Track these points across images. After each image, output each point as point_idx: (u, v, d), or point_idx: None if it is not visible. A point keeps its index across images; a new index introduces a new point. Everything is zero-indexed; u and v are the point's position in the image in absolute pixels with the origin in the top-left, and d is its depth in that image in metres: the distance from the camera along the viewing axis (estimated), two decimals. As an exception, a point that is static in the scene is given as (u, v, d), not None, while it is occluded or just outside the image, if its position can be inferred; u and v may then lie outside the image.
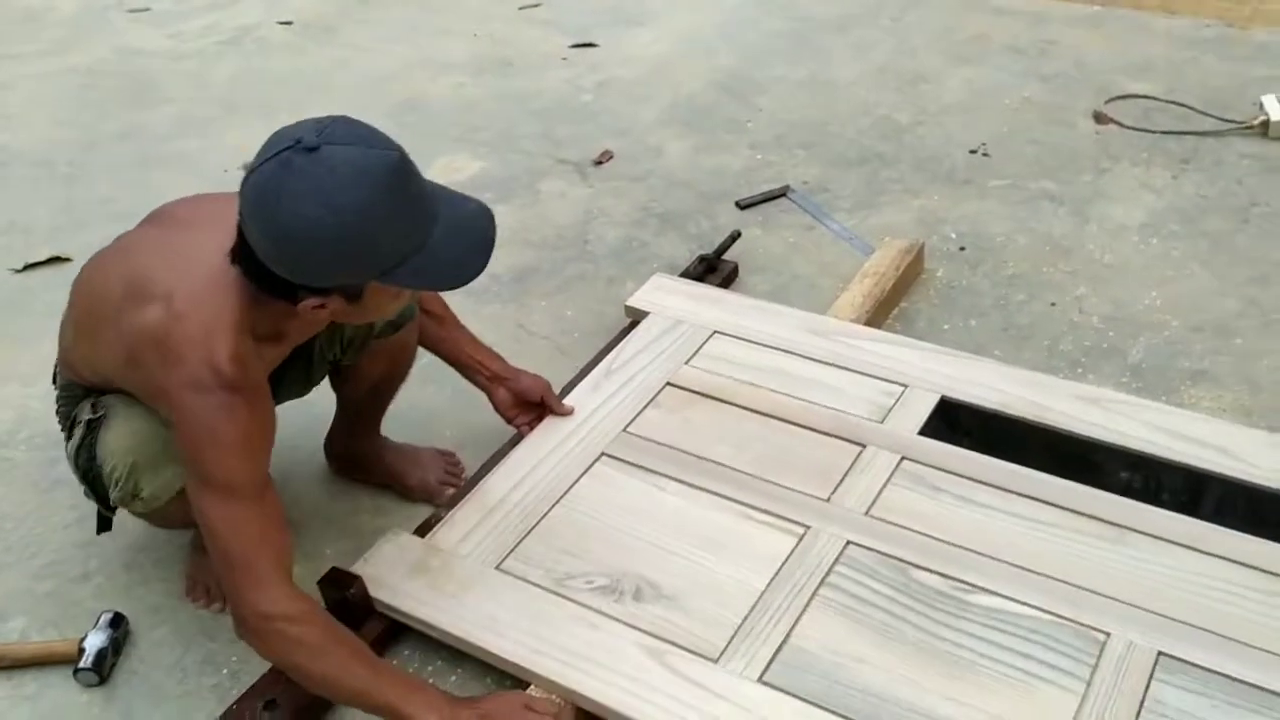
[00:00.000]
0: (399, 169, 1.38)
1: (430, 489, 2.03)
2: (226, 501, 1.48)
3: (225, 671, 1.73)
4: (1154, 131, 2.99)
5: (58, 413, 1.79)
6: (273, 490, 1.55)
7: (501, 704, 1.57)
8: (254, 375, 1.52)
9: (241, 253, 1.44)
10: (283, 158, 1.33)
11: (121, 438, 1.62)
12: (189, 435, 1.48)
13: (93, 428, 1.66)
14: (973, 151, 3.00)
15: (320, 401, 1.97)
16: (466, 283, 1.47)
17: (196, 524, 1.57)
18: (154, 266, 1.55)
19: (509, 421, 2.05)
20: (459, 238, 1.44)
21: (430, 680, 1.69)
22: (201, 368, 1.45)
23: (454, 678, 1.71)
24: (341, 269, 1.39)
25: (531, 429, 2.04)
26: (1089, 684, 1.55)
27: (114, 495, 1.66)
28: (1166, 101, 3.11)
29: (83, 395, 1.72)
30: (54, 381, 1.81)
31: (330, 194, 1.33)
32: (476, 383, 2.04)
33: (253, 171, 1.36)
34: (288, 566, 1.53)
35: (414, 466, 2.05)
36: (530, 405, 2.06)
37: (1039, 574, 1.70)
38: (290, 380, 1.80)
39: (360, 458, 2.07)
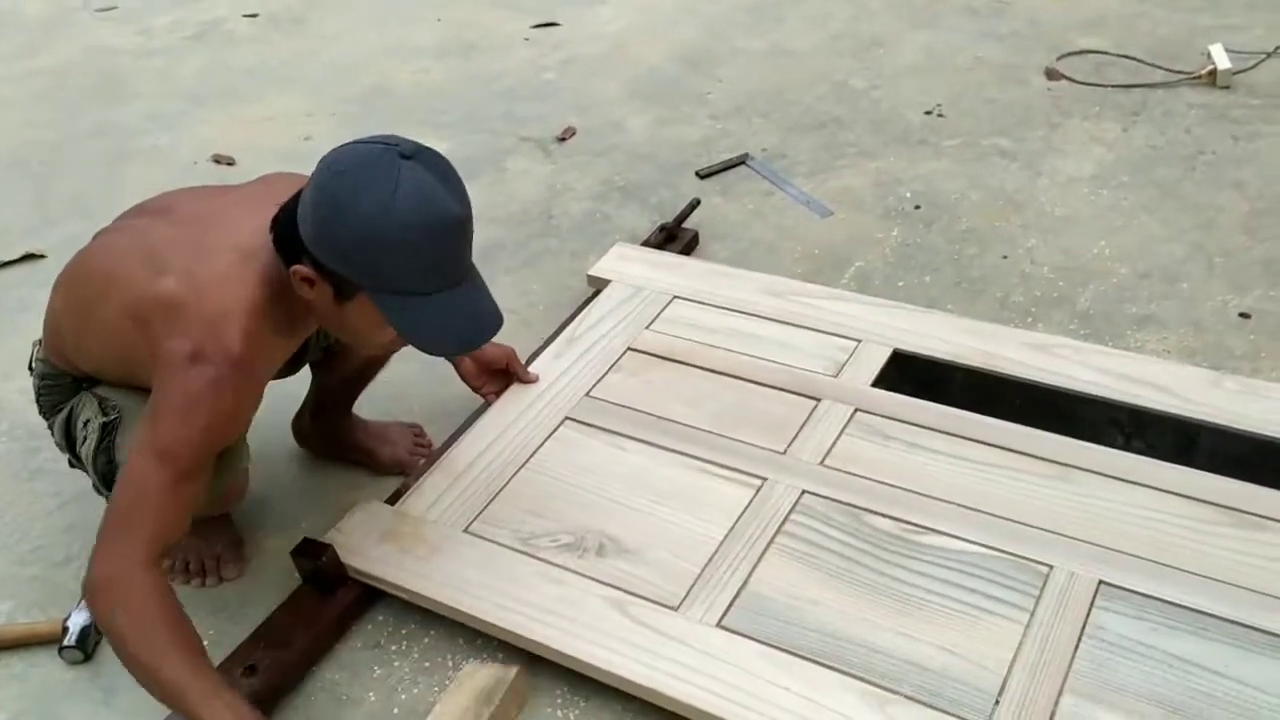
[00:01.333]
0: (455, 222, 1.44)
1: (402, 461, 2.08)
2: (157, 465, 1.48)
3: (206, 643, 1.77)
4: (1105, 85, 3.05)
5: (39, 400, 1.83)
6: (201, 482, 1.54)
7: None
8: (260, 364, 1.55)
9: (286, 210, 1.50)
10: (378, 149, 1.41)
11: None
12: (166, 396, 1.49)
13: (108, 430, 1.68)
14: (928, 113, 3.05)
15: (290, 380, 2.02)
16: (435, 354, 1.56)
17: (201, 510, 1.62)
18: (175, 247, 1.57)
19: (476, 390, 2.11)
20: (459, 316, 1.49)
21: (404, 643, 1.75)
22: (209, 340, 1.47)
23: (427, 639, 1.76)
24: (350, 259, 1.42)
25: (498, 398, 2.10)
26: (1033, 614, 1.61)
27: None
28: (1117, 55, 3.16)
29: (71, 384, 1.77)
30: (30, 369, 1.85)
31: (391, 197, 1.38)
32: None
33: (352, 144, 1.44)
34: (163, 550, 1.51)
35: (384, 443, 2.10)
36: (496, 374, 2.12)
37: (984, 513, 1.77)
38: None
39: (332, 437, 2.12)
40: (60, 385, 1.78)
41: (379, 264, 1.42)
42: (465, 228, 1.46)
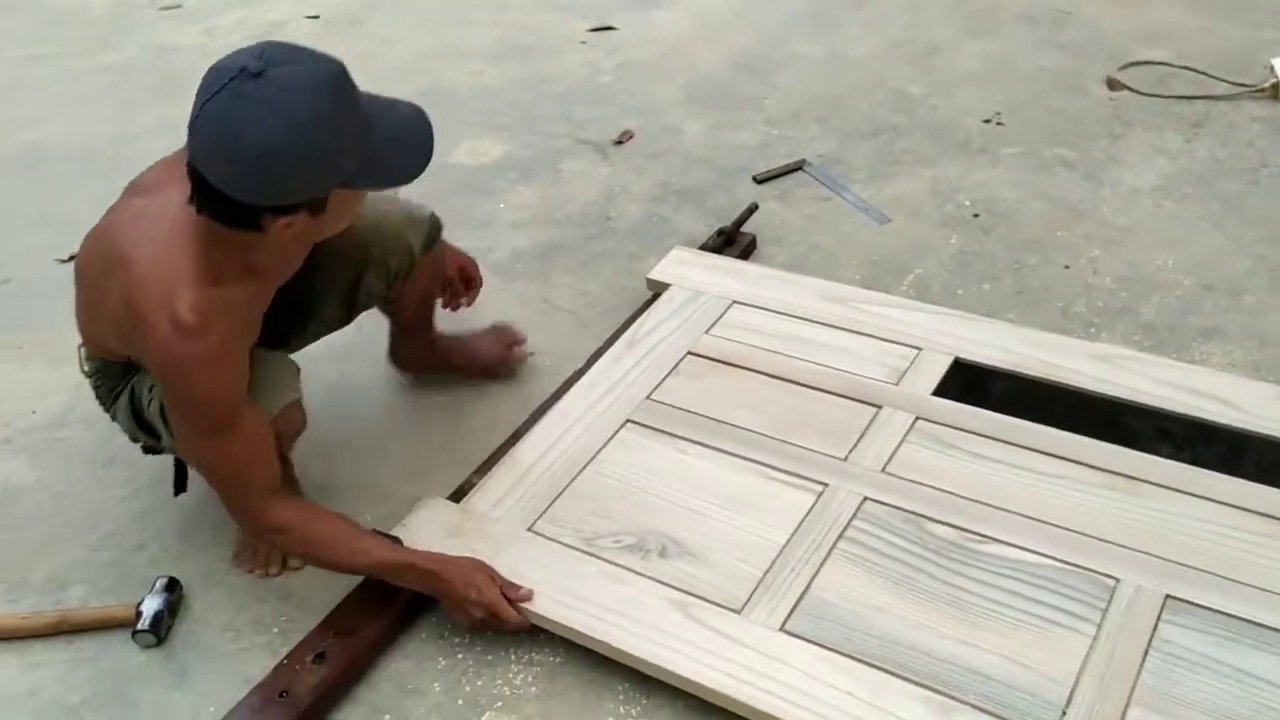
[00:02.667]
0: (342, 77, 1.47)
1: (504, 358, 2.23)
2: (210, 439, 1.63)
3: (275, 630, 1.82)
4: (1167, 96, 3.03)
5: (97, 395, 1.88)
6: (250, 410, 1.66)
7: (464, 563, 1.73)
8: (216, 323, 1.56)
9: (200, 193, 1.49)
10: (231, 88, 1.40)
11: None
12: (169, 387, 1.61)
13: None
14: (986, 121, 3.04)
15: (332, 360, 2.05)
16: (419, 174, 1.58)
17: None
18: (121, 236, 1.63)
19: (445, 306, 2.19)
20: (405, 134, 1.56)
21: (468, 636, 1.78)
22: (165, 325, 1.53)
23: (490, 633, 1.79)
24: (308, 182, 1.47)
25: (452, 307, 2.19)
26: (1099, 626, 1.61)
27: None
28: (1179, 67, 3.14)
29: (120, 370, 1.81)
30: (82, 369, 1.88)
31: (287, 111, 1.39)
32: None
33: (200, 110, 1.42)
34: (275, 478, 1.71)
35: (480, 349, 2.24)
36: (449, 281, 2.16)
37: (1050, 524, 1.77)
38: (326, 315, 1.96)
39: (428, 357, 2.23)
40: (110, 373, 1.84)
41: (331, 164, 1.47)
42: (347, 72, 1.49)
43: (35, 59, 4.10)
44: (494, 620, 1.70)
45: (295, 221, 1.52)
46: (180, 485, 1.95)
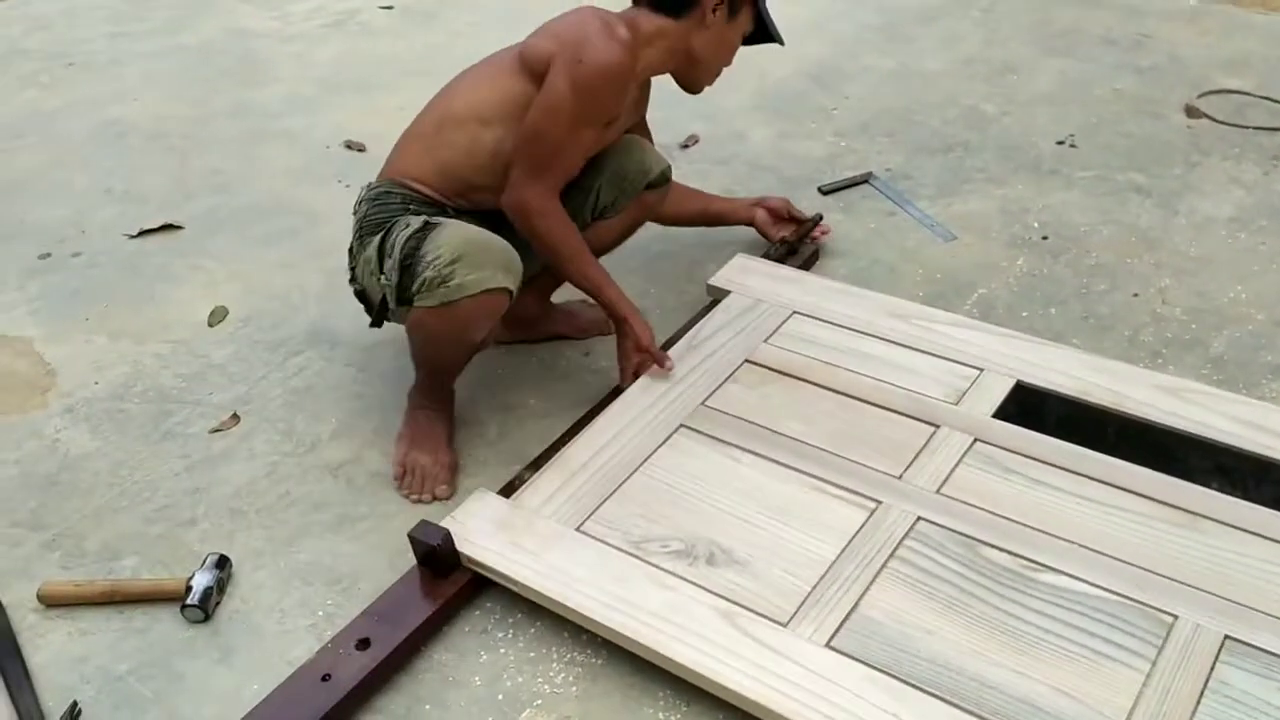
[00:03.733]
0: None
1: (600, 324, 2.37)
2: (574, 127, 1.98)
3: (320, 614, 1.84)
4: (1246, 127, 2.96)
5: (364, 224, 2.04)
6: (596, 129, 2.05)
7: (647, 322, 2.14)
8: (635, 57, 2.01)
9: None
10: None
11: (454, 238, 1.89)
12: (579, 74, 1.94)
13: (429, 226, 1.92)
14: (1060, 142, 2.99)
15: (398, 350, 2.07)
16: (780, 41, 2.20)
17: (447, 361, 2.04)
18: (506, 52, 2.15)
19: (771, 239, 2.55)
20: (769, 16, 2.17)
21: (511, 632, 1.78)
22: (602, 33, 1.95)
23: (533, 630, 1.79)
24: None
25: (793, 237, 2.54)
26: (1154, 664, 1.57)
27: (427, 275, 1.86)
28: (1260, 97, 3.07)
29: (399, 204, 2.03)
30: (356, 209, 2.10)
31: None
32: (738, 219, 2.58)
33: None
34: (563, 182, 2.06)
35: (577, 316, 2.42)
36: (782, 220, 2.57)
37: (1108, 556, 1.73)
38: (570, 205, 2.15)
39: (533, 319, 2.37)
40: (391, 204, 2.03)
41: None
42: None
43: (121, 36, 4.19)
44: (651, 368, 2.14)
45: (723, 6, 2.03)
46: (379, 320, 2.08)
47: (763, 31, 2.18)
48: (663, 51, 2.09)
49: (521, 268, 1.96)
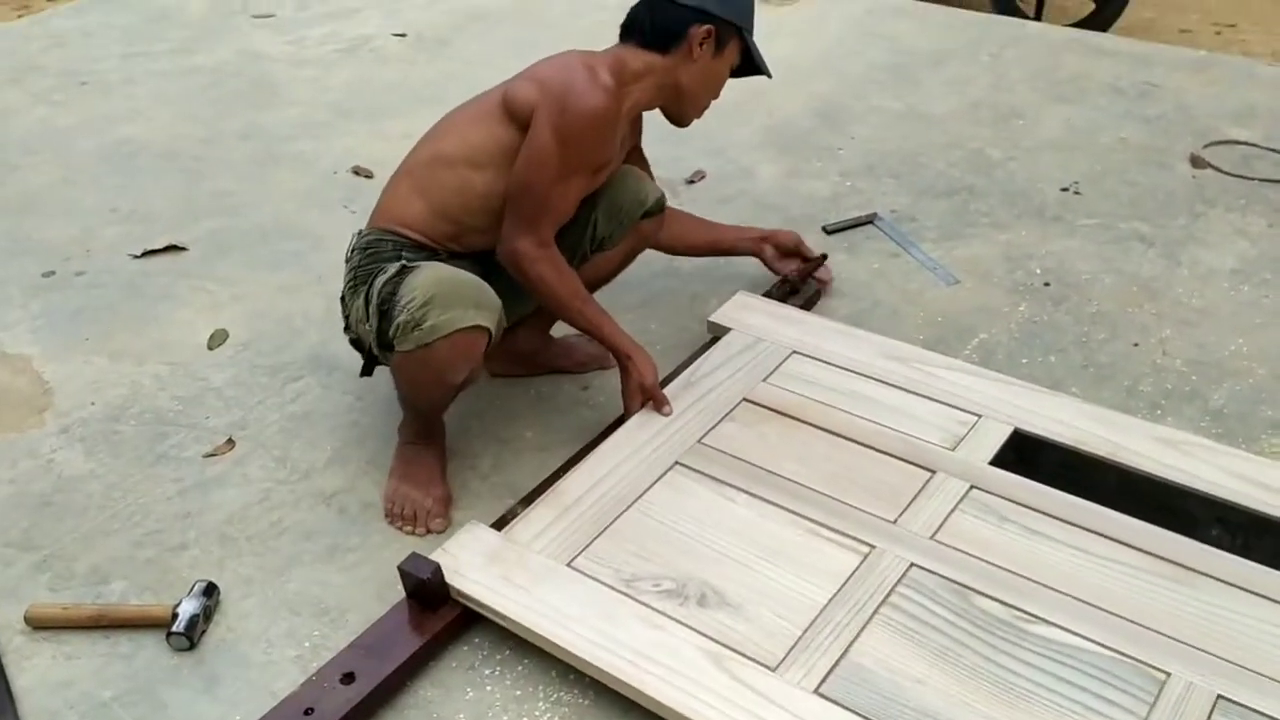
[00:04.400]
0: None
1: (599, 358, 2.37)
2: (562, 178, 1.98)
3: (307, 645, 1.82)
4: (1252, 178, 2.97)
5: (357, 273, 2.03)
6: (585, 176, 2.05)
7: (650, 358, 2.14)
8: (619, 100, 2.00)
9: (638, 16, 2.07)
10: None
11: (426, 280, 1.88)
12: (564, 124, 1.94)
13: (405, 271, 1.93)
14: (1064, 189, 3.00)
15: (389, 381, 2.06)
16: (768, 74, 2.19)
17: (430, 402, 2.03)
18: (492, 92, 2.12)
19: (778, 272, 2.55)
20: (758, 51, 2.15)
21: (498, 669, 1.77)
22: (585, 79, 1.95)
23: (520, 667, 1.77)
24: (736, 7, 2.06)
25: (798, 274, 2.53)
26: (1145, 720, 1.56)
27: (400, 319, 1.86)
28: (1267, 149, 3.07)
29: (391, 251, 2.01)
30: (348, 258, 2.09)
31: None
32: (746, 250, 2.56)
33: None
34: (556, 228, 2.05)
35: (576, 350, 2.41)
36: (790, 255, 2.56)
37: (1102, 609, 1.72)
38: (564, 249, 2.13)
39: (531, 353, 2.38)
40: (382, 253, 2.02)
41: (747, 8, 2.09)
42: None
43: (136, 55, 4.22)
44: (655, 407, 2.14)
45: (706, 42, 2.03)
46: (368, 369, 2.14)
47: (750, 64, 2.17)
48: (651, 88, 2.10)
49: (499, 304, 1.93)
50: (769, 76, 2.22)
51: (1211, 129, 3.22)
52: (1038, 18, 4.83)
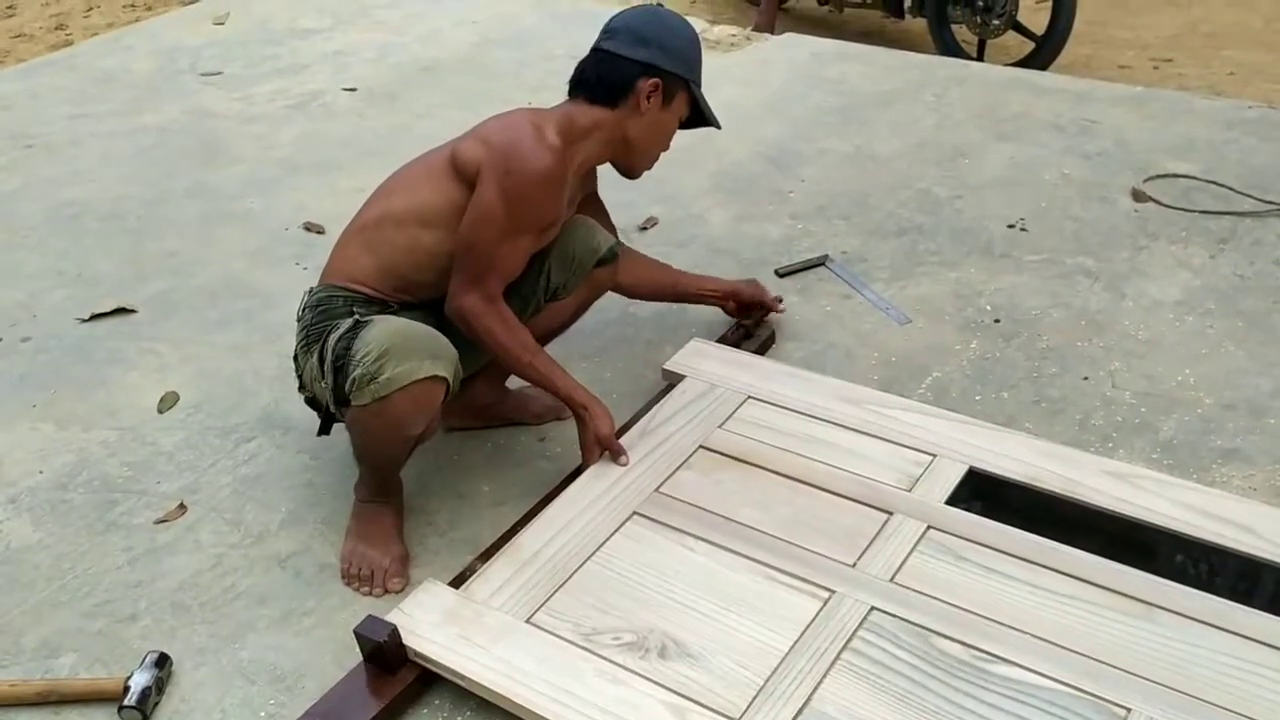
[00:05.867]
0: None
1: (555, 409, 2.38)
2: (510, 236, 1.99)
3: (263, 714, 1.79)
4: (1193, 211, 3.03)
5: (309, 331, 2.02)
6: (531, 236, 2.05)
7: (605, 407, 2.14)
8: (566, 158, 2.02)
9: (585, 72, 2.10)
10: (641, 6, 2.13)
11: (380, 333, 1.88)
12: (510, 185, 1.95)
13: (358, 326, 1.92)
14: (1011, 226, 3.04)
15: (345, 437, 2.04)
16: (718, 126, 2.23)
17: (387, 457, 2.01)
18: (440, 151, 2.13)
19: (741, 323, 2.57)
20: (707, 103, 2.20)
21: (458, 730, 1.74)
22: (532, 138, 1.97)
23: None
24: (683, 60, 2.10)
25: (748, 323, 2.58)
26: (1108, 758, 1.56)
27: (356, 374, 1.85)
28: (1206, 181, 3.14)
29: (344, 308, 2.00)
30: (299, 316, 2.07)
31: (678, 20, 2.13)
32: (708, 302, 2.60)
33: (619, 16, 2.11)
34: (504, 284, 2.04)
35: (532, 401, 2.41)
36: (753, 308, 2.59)
37: (1061, 647, 1.72)
38: (517, 301, 2.15)
39: (487, 405, 2.37)
40: (334, 309, 2.01)
41: (695, 62, 2.13)
42: None
43: (82, 117, 4.19)
44: (612, 458, 2.14)
45: (655, 94, 2.06)
46: (325, 428, 2.10)
47: (699, 115, 2.20)
48: (600, 143, 2.12)
49: (455, 354, 1.93)
50: (718, 128, 2.24)
51: (1151, 163, 3.28)
52: (980, 58, 4.93)
